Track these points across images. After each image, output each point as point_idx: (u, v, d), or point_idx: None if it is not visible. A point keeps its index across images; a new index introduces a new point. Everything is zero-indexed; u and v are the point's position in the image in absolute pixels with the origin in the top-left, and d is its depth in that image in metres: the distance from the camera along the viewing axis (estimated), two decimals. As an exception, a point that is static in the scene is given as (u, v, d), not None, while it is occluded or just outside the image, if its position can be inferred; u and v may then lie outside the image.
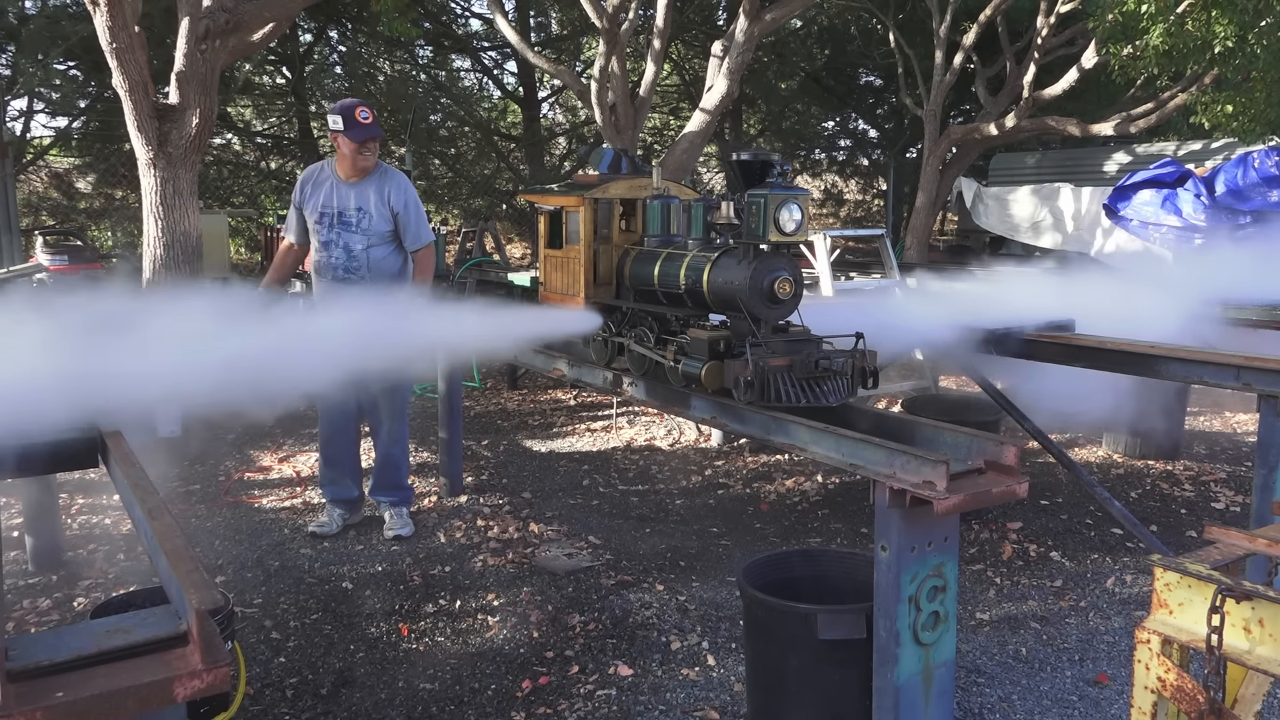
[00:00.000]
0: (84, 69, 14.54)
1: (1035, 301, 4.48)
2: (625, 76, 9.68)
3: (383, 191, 4.77)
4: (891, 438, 2.66)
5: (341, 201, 4.77)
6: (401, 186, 4.80)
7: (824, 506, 5.57)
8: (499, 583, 4.47)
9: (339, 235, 4.76)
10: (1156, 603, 1.74)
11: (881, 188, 22.08)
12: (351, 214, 4.75)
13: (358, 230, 4.75)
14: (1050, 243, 11.32)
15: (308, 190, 4.85)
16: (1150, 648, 1.72)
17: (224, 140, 18.57)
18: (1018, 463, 2.52)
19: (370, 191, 4.76)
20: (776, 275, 2.90)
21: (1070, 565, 4.67)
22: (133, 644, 1.64)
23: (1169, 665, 1.71)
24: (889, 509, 2.46)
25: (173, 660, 1.62)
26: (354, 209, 4.75)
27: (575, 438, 7.22)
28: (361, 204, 4.75)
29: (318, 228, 4.80)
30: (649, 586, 4.43)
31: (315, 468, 6.24)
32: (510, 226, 20.15)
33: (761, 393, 2.79)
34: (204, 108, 6.69)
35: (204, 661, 1.60)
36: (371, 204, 4.75)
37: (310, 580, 4.51)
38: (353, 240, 4.75)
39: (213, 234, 11.43)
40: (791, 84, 19.99)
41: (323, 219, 4.79)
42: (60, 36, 12.73)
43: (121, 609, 2.90)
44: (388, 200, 4.76)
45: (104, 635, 1.67)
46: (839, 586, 3.24)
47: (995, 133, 12.86)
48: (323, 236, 4.80)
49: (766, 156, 2.97)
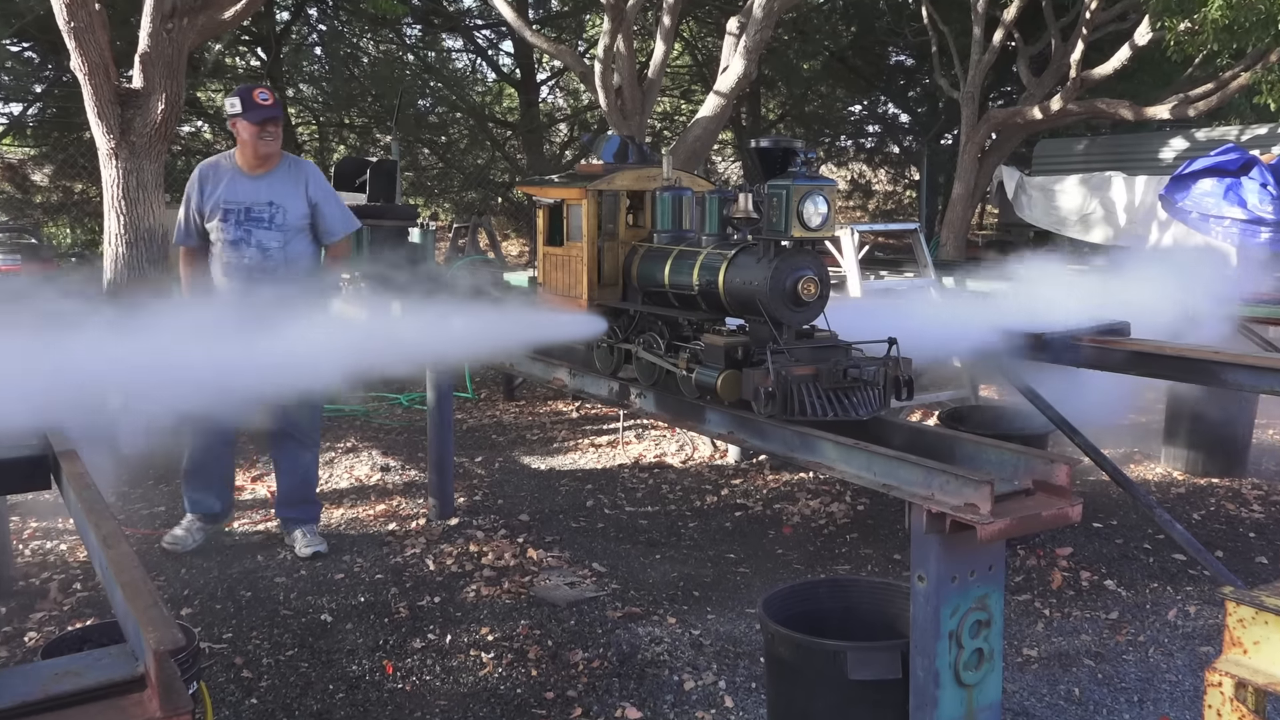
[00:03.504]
0: (40, 50, 14.61)
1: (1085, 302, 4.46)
2: (632, 56, 9.68)
3: (299, 183, 4.85)
4: (929, 455, 2.64)
5: (249, 195, 4.81)
6: (318, 177, 4.94)
7: (853, 530, 5.54)
8: (494, 615, 4.44)
9: (249, 232, 4.79)
10: (1229, 641, 1.71)
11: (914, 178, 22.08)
12: (263, 208, 4.80)
13: (272, 226, 4.80)
14: (1101, 237, 11.29)
15: (207, 188, 4.86)
16: (1222, 691, 1.69)
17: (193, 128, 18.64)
18: (1070, 483, 2.49)
19: (283, 184, 4.83)
20: (800, 275, 2.88)
21: (1127, 595, 4.63)
22: (84, 689, 1.62)
23: (1244, 711, 1.68)
24: (927, 534, 2.43)
25: (128, 707, 1.60)
26: (265, 203, 4.80)
27: (578, 454, 7.20)
28: (274, 197, 4.81)
29: (223, 226, 4.80)
30: (659, 619, 4.40)
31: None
32: (506, 221, 20.18)
33: (784, 405, 2.78)
34: (171, 92, 6.70)
35: (163, 708, 1.57)
36: (286, 197, 4.82)
37: (285, 612, 4.49)
38: (267, 237, 4.79)
39: (180, 231, 11.44)
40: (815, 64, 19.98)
41: (228, 216, 4.80)
42: (13, 15, 12.78)
43: (75, 647, 2.89)
44: (306, 193, 4.85)
45: (52, 679, 1.65)
46: (870, 621, 3.21)
47: (1039, 116, 12.83)
48: (230, 235, 4.80)
49: (789, 144, 2.96)
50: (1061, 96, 12.54)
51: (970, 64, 13.28)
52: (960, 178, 13.57)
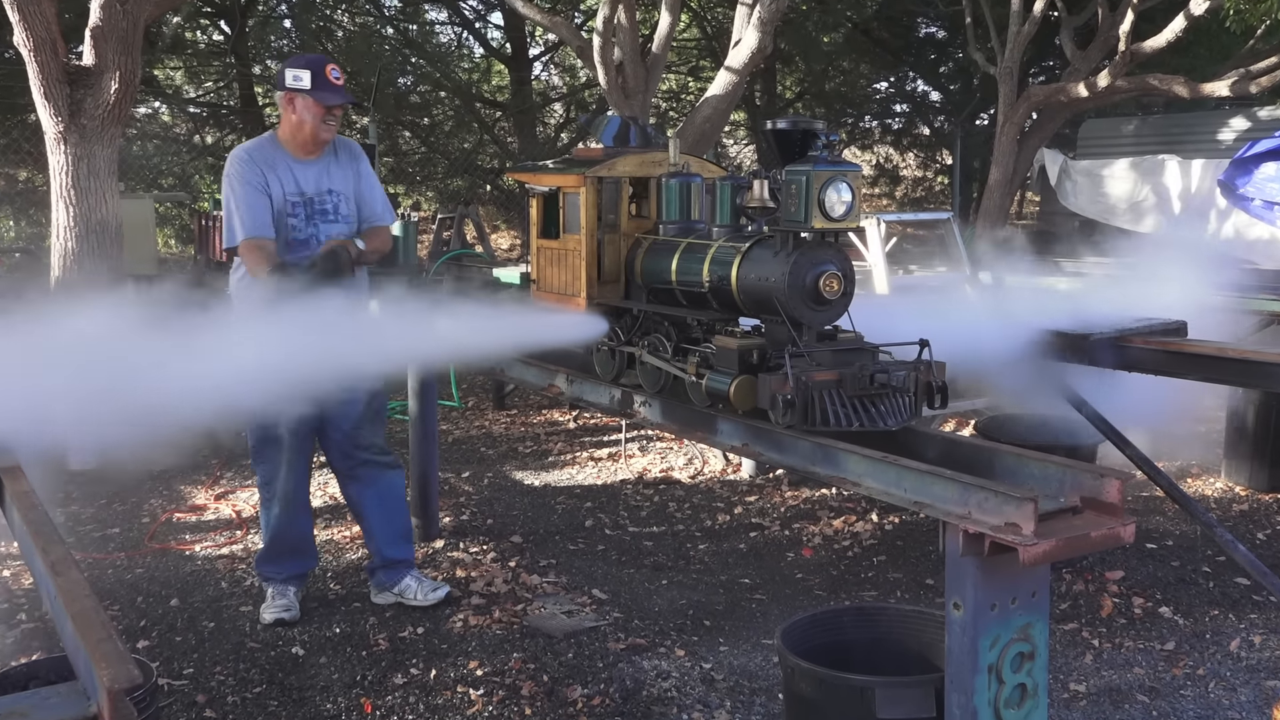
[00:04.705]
0: (-20, 25, 14.63)
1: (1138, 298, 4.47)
2: (635, 29, 9.70)
3: (352, 166, 4.67)
4: (965, 468, 2.64)
5: (310, 183, 4.55)
6: (361, 154, 4.76)
7: (881, 552, 5.54)
8: (483, 647, 4.44)
9: (317, 228, 4.55)
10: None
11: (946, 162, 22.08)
12: (325, 198, 4.57)
13: (338, 218, 4.58)
14: (1153, 227, 11.30)
15: (267, 173, 4.52)
16: (1293, 732, 1.68)
17: (149, 110, 18.69)
18: (1122, 500, 2.49)
19: (338, 168, 4.63)
20: (822, 270, 2.88)
21: (1184, 624, 4.62)
22: (31, 730, 1.62)
23: (1317, 754, 1.67)
24: (963, 557, 2.43)
25: (79, 750, 1.59)
26: (325, 191, 4.57)
27: (575, 468, 7.20)
28: (333, 184, 4.59)
29: (290, 223, 4.52)
30: (666, 651, 4.40)
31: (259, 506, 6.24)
32: (496, 212, 20.19)
33: (804, 414, 2.77)
34: (125, 70, 6.72)
35: (118, 752, 1.57)
36: (343, 183, 4.62)
37: (253, 645, 4.50)
38: (334, 232, 4.55)
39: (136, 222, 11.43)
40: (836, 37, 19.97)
41: (296, 210, 4.52)
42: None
43: (20, 685, 2.89)
44: (357, 175, 4.67)
45: (-5, 719, 1.65)
46: (901, 653, 3.21)
47: (1085, 94, 12.83)
48: (299, 232, 4.53)
49: (809, 125, 2.96)
50: (1109, 72, 12.53)
51: (1008, 36, 13.28)
52: (997, 162, 13.57)
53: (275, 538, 4.75)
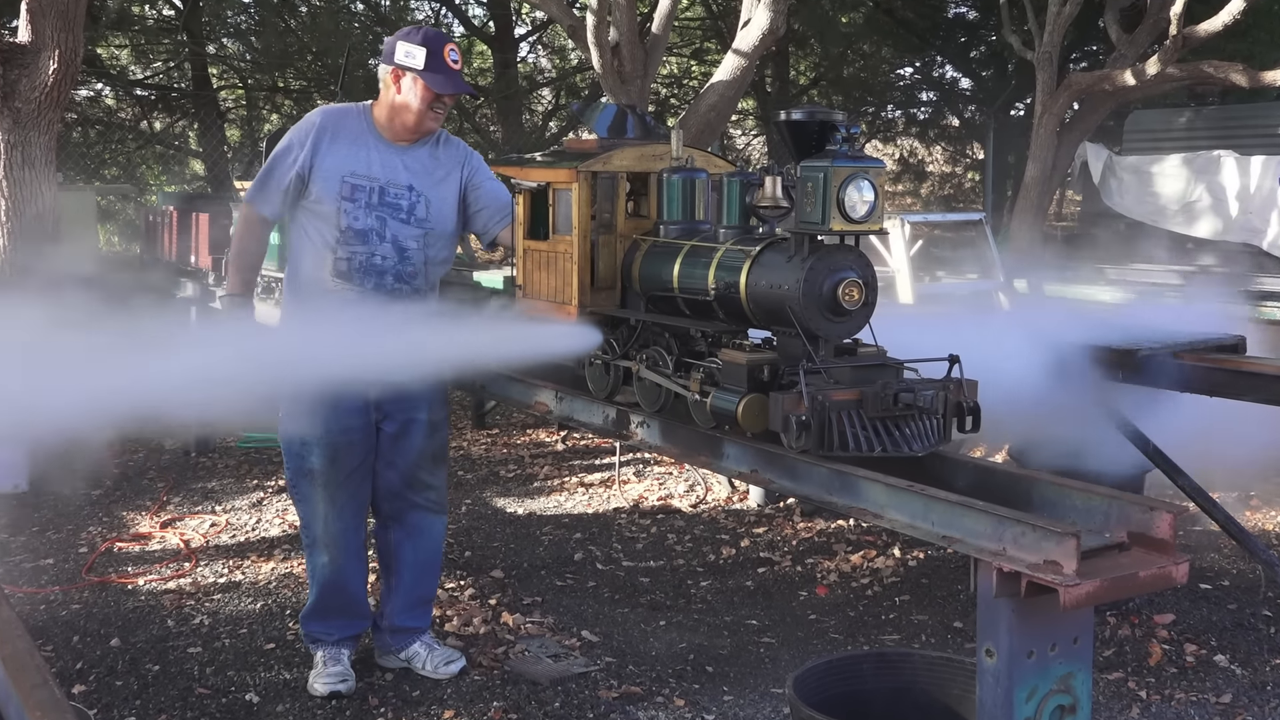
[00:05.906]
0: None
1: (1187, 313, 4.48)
2: (632, 6, 9.72)
3: (453, 169, 4.42)
4: (999, 499, 2.64)
5: (387, 171, 4.30)
6: (470, 156, 4.52)
7: (903, 591, 5.53)
8: (459, 695, 4.43)
9: (383, 222, 4.28)
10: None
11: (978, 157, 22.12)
12: (401, 193, 4.30)
13: (410, 219, 4.30)
14: (1208, 231, 11.31)
15: (324, 143, 4.28)
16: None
17: (92, 92, 18.69)
18: (1174, 535, 2.49)
19: (433, 166, 4.38)
20: (841, 277, 2.89)
21: (1242, 674, 4.62)
22: (-46, 787, 1.61)
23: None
24: (997, 599, 2.43)
25: (9, 810, 1.59)
26: (404, 186, 4.31)
27: (564, 495, 7.20)
28: (415, 181, 4.32)
29: (347, 207, 4.26)
30: (664, 701, 4.39)
31: (211, 534, 6.24)
32: (476, 208, 20.20)
33: (820, 437, 2.78)
34: (65, 48, 6.72)
35: (52, 812, 1.57)
36: (432, 184, 4.35)
37: (202, 690, 4.48)
38: (403, 233, 4.29)
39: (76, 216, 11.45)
40: (856, 17, 20.06)
41: (357, 194, 4.26)
42: None
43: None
44: (464, 180, 4.42)
45: (-85, 774, 1.64)
46: (926, 705, 3.21)
47: (1132, 82, 12.86)
48: (357, 221, 4.26)
49: (827, 115, 2.97)
50: (1159, 58, 12.57)
51: (1047, 17, 13.31)
52: (1034, 157, 13.59)
53: (323, 591, 4.52)
